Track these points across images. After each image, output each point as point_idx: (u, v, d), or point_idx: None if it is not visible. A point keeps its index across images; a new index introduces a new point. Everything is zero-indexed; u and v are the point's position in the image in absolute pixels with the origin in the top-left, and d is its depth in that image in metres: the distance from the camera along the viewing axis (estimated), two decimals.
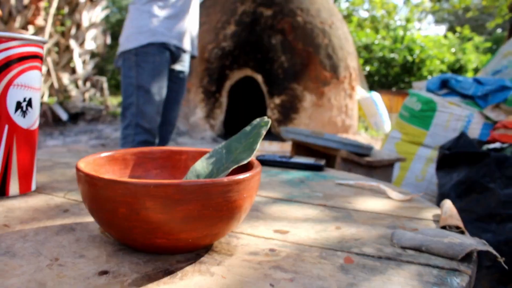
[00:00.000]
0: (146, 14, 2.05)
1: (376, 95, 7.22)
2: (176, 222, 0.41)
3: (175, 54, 2.14)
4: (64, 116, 6.89)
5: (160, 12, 2.06)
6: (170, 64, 2.15)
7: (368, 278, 0.44)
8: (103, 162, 0.54)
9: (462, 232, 0.61)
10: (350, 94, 5.98)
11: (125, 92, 2.08)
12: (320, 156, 2.05)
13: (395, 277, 0.44)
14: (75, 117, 7.18)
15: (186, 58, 2.25)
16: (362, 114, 7.19)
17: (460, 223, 0.63)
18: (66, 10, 8.27)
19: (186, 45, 2.19)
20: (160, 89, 2.08)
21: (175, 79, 2.24)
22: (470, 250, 0.51)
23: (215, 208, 0.42)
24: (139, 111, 2.04)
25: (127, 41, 2.07)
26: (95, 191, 0.42)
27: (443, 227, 0.62)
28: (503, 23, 11.01)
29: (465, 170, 1.69)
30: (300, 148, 2.19)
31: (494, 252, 0.51)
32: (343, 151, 1.92)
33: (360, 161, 1.92)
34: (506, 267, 0.52)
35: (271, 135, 5.38)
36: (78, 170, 0.45)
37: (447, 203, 0.70)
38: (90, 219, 0.58)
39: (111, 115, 7.82)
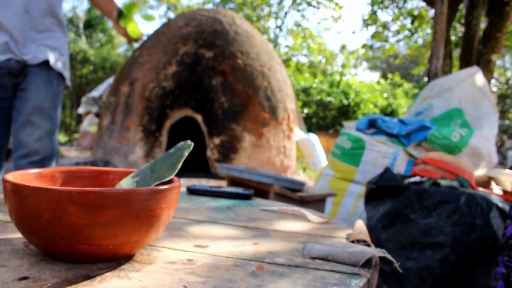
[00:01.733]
0: None
1: (313, 137, 7.45)
2: (97, 227, 0.44)
3: (4, 67, 1.77)
4: None
5: None
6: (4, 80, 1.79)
7: (275, 281, 0.48)
8: (31, 179, 0.56)
9: (368, 245, 0.67)
10: (289, 135, 6.14)
11: None
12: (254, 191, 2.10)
13: (300, 280, 0.49)
14: (7, 154, 6.87)
15: (29, 70, 1.84)
16: (300, 154, 7.37)
17: (367, 238, 0.69)
18: None
19: (20, 55, 1.79)
20: None
21: (18, 96, 1.84)
22: (370, 257, 0.57)
23: (134, 215, 0.45)
24: None
25: None
26: (21, 199, 0.44)
27: (352, 242, 0.68)
28: (426, 70, 11.89)
29: (389, 202, 1.80)
30: (235, 184, 2.23)
31: (391, 258, 0.57)
32: (276, 186, 1.98)
33: (293, 196, 1.98)
34: (401, 270, 0.58)
35: (210, 175, 5.39)
36: (4, 181, 0.47)
37: (358, 223, 0.77)
38: (14, 235, 0.59)
39: None
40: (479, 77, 3.06)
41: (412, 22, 9.46)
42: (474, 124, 2.76)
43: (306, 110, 12.48)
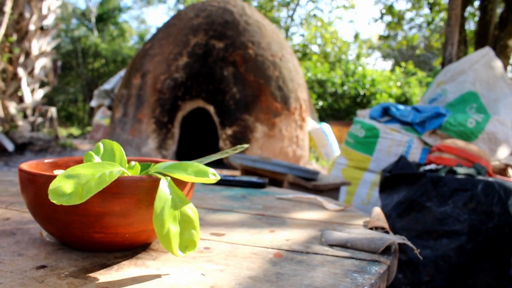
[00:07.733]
0: None
1: (326, 126, 7.41)
2: (113, 215, 0.43)
3: None
4: (10, 146, 6.65)
5: None
6: None
7: (294, 268, 0.47)
8: (46, 168, 0.56)
9: (387, 233, 0.66)
10: (301, 125, 6.11)
11: None
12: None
13: (319, 267, 0.48)
14: (22, 147, 6.95)
15: None
16: (313, 144, 7.34)
17: (385, 225, 0.68)
18: (14, 37, 8.07)
19: None
20: None
21: None
22: (389, 243, 0.56)
23: (150, 203, 0.45)
24: None
25: None
26: (37, 188, 0.44)
27: (370, 229, 0.67)
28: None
29: (404, 190, 1.78)
30: (248, 174, 2.23)
31: (411, 244, 0.56)
32: (290, 176, 1.97)
33: (307, 185, 1.97)
34: (421, 257, 0.57)
35: (223, 165, 5.39)
36: (20, 170, 0.47)
37: (376, 210, 0.76)
38: (31, 225, 0.59)
39: (61, 146, 7.62)
40: (492, 58, 2.99)
41: (431, 9, 9.33)
42: (491, 107, 2.70)
43: (320, 103, 12.39)
